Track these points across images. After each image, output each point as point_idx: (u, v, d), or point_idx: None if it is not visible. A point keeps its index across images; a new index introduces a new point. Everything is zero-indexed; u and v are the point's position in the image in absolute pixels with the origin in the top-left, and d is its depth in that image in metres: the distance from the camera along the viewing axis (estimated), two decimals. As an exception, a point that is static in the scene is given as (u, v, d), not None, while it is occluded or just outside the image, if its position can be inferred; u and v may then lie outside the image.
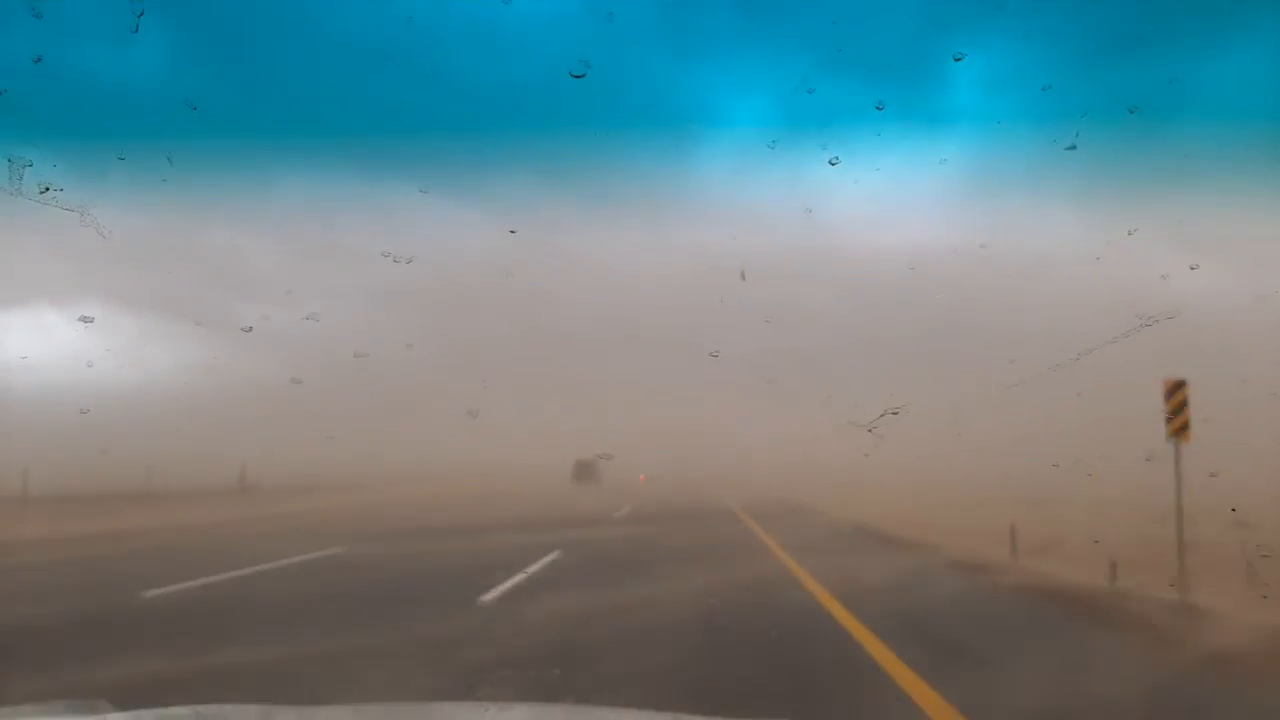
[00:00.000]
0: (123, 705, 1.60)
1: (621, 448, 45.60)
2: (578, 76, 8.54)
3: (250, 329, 14.08)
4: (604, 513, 24.24)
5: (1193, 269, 12.82)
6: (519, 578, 10.07)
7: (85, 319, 21.56)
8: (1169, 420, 9.08)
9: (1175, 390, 9.14)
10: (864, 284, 49.44)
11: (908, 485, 24.62)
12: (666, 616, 7.62)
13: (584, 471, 42.69)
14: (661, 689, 5.12)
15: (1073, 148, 12.45)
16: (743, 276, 26.36)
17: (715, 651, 6.28)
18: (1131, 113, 13.44)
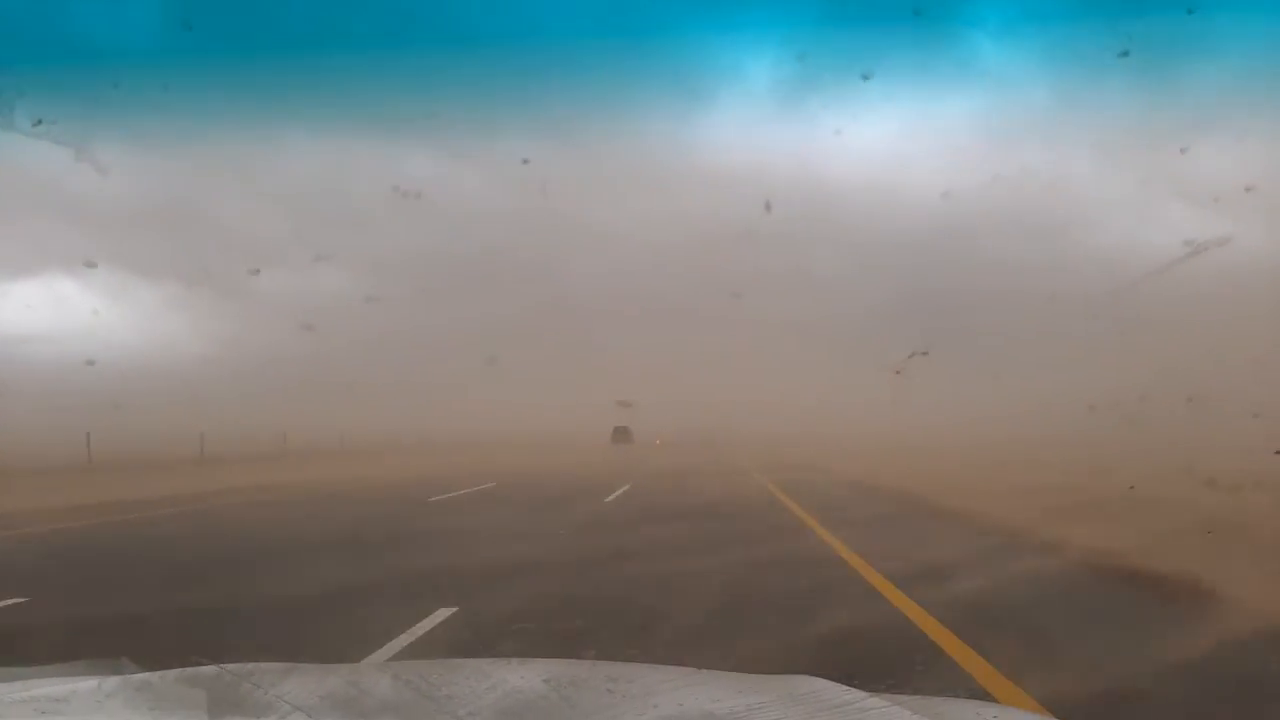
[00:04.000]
0: (147, 665, 1.59)
1: (647, 411, 53.52)
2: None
3: (258, 271, 14.07)
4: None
5: (1248, 190, 12.06)
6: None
7: (89, 264, 21.78)
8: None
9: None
10: (892, 216, 46.68)
11: (939, 447, 21.57)
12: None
13: (620, 436, 53.57)
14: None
15: (1125, 54, 11.31)
16: (768, 208, 24.75)
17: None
18: (1190, 13, 12.36)
